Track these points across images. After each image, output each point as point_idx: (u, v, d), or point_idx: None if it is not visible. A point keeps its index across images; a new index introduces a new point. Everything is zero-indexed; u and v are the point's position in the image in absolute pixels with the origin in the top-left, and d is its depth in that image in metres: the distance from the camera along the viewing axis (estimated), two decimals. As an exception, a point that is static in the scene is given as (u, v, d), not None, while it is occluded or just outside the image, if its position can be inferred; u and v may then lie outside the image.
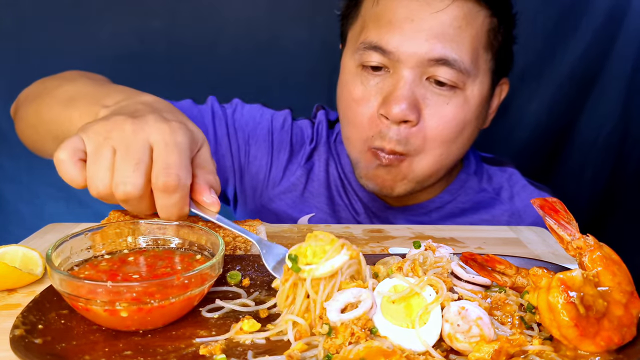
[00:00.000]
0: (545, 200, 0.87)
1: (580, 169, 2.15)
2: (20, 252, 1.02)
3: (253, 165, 1.65)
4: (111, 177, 0.92)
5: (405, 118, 1.31)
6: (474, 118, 1.40)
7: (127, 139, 0.93)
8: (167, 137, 0.93)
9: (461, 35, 1.31)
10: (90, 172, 0.93)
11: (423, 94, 1.33)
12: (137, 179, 0.91)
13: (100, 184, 0.92)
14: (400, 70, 1.33)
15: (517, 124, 2.19)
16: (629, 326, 0.77)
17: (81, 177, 0.93)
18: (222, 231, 1.09)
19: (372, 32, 1.35)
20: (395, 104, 1.30)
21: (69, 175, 0.93)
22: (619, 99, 2.06)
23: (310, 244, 0.82)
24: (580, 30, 2.05)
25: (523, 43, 2.10)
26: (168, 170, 0.91)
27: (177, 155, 0.93)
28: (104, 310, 0.77)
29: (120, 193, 0.91)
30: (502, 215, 1.58)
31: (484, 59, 1.37)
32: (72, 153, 0.93)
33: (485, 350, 0.73)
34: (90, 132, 0.96)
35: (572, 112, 2.13)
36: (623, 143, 2.08)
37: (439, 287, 0.80)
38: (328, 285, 0.80)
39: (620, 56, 2.03)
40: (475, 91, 1.37)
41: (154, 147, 0.93)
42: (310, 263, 0.81)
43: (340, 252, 0.81)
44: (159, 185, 0.91)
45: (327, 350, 0.74)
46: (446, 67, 1.31)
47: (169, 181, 0.91)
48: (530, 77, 2.14)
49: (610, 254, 0.81)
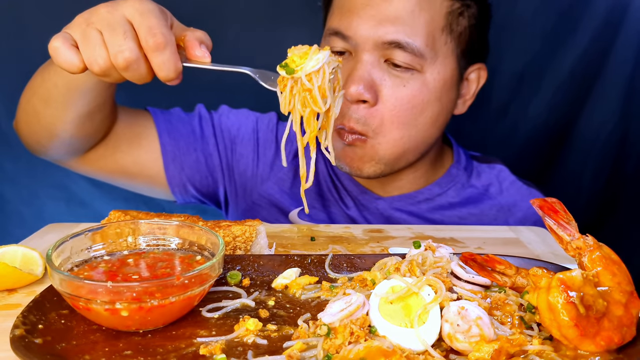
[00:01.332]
0: (545, 201, 0.87)
1: (580, 169, 2.15)
2: (21, 252, 1.02)
3: (240, 163, 1.69)
4: (107, 51, 1.01)
5: (361, 97, 1.36)
6: (435, 100, 1.42)
7: (106, 19, 1.02)
8: (139, 7, 1.02)
9: (415, 20, 1.36)
10: (87, 53, 1.02)
11: (381, 76, 1.38)
12: (130, 44, 1.00)
13: (100, 59, 1.01)
14: (359, 54, 1.38)
15: (517, 124, 2.19)
16: (629, 326, 0.77)
17: (78, 59, 1.02)
18: (222, 231, 1.09)
19: (336, 19, 1.42)
20: (352, 84, 1.35)
21: (67, 57, 1.02)
22: (619, 99, 2.05)
23: (294, 53, 1.01)
24: (579, 31, 2.05)
25: (523, 43, 2.11)
26: (153, 31, 1.00)
27: (155, 18, 1.02)
28: (105, 309, 0.77)
29: (121, 61, 1.00)
30: (490, 210, 1.60)
31: (442, 41, 1.40)
32: (63, 40, 1.03)
33: (485, 350, 0.73)
34: (71, 25, 1.06)
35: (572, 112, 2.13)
36: (623, 143, 2.07)
37: (438, 287, 0.81)
38: (318, 75, 0.98)
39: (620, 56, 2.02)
40: (435, 74, 1.40)
41: (131, 20, 1.02)
42: (299, 65, 0.99)
43: (321, 51, 0.99)
44: (150, 45, 1.00)
45: (326, 351, 0.75)
46: (400, 50, 1.35)
47: (157, 40, 1.00)
48: (530, 77, 2.13)
49: (609, 254, 0.81)
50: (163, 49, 1.00)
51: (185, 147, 1.61)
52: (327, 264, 1.02)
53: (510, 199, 1.61)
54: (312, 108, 1.00)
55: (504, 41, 2.10)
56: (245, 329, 0.81)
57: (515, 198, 1.61)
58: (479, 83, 1.55)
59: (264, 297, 0.92)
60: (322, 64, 0.98)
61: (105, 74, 1.03)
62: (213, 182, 1.69)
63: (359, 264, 1.03)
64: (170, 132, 1.59)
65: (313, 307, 0.90)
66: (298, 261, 1.02)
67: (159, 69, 1.02)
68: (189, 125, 1.65)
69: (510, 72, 2.14)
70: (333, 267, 1.02)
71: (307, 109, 1.00)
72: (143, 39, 1.00)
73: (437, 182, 1.61)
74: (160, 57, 1.01)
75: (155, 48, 1.00)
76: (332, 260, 1.03)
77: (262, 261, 1.01)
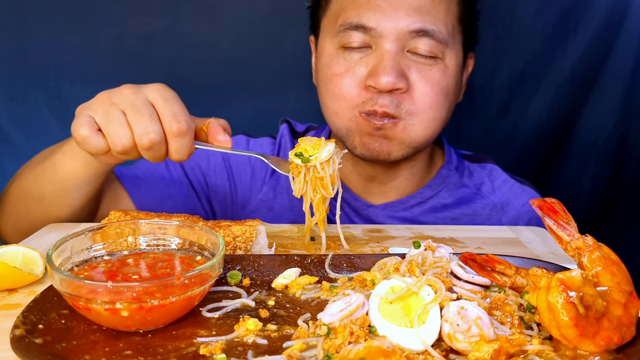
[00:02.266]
0: (544, 201, 0.87)
1: (580, 169, 2.15)
2: (21, 252, 1.02)
3: (218, 193, 1.67)
4: (131, 132, 1.06)
5: (395, 86, 1.36)
6: (454, 85, 1.46)
7: (130, 100, 1.07)
8: (162, 93, 1.09)
9: (436, 8, 1.39)
10: (111, 133, 1.06)
11: (407, 64, 1.39)
12: (156, 127, 1.06)
13: (124, 139, 1.06)
14: (382, 45, 1.38)
15: (518, 124, 2.19)
16: (628, 326, 0.77)
17: (105, 143, 1.07)
18: (222, 231, 1.09)
19: (352, 13, 1.40)
20: (383, 75, 1.34)
21: (96, 145, 1.07)
22: (619, 99, 2.06)
23: (305, 144, 1.12)
24: (580, 31, 2.05)
25: (524, 43, 2.11)
26: (177, 117, 1.07)
27: (178, 105, 1.09)
28: (105, 309, 0.77)
29: (146, 142, 1.06)
30: (483, 209, 1.60)
31: (457, 30, 1.45)
32: (90, 126, 1.07)
33: (485, 349, 0.74)
34: (93, 105, 1.10)
35: (572, 112, 2.13)
36: (623, 143, 2.07)
37: (438, 287, 0.81)
38: (329, 165, 1.11)
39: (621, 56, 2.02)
40: (452, 60, 1.44)
41: (155, 103, 1.08)
42: (311, 154, 1.11)
43: (328, 143, 1.12)
44: (173, 131, 1.07)
45: (326, 351, 0.75)
46: (426, 38, 1.37)
47: (181, 126, 1.07)
48: (531, 77, 2.14)
49: (609, 254, 0.81)
50: (184, 135, 1.08)
51: (159, 197, 1.58)
52: (327, 264, 1.02)
53: (502, 198, 1.61)
54: (322, 194, 1.13)
55: (504, 41, 2.11)
56: (245, 329, 0.81)
57: (508, 196, 1.61)
58: (468, 71, 1.58)
59: (264, 297, 0.92)
60: (332, 154, 1.11)
61: (125, 153, 1.08)
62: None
63: (359, 264, 1.03)
64: (140, 188, 1.56)
65: (313, 307, 0.90)
66: (298, 261, 1.03)
67: (176, 152, 1.10)
68: (157, 174, 1.62)
69: (511, 71, 2.14)
70: (333, 267, 1.02)
71: (317, 195, 1.13)
72: (167, 124, 1.07)
73: (429, 184, 1.60)
74: (181, 142, 1.08)
75: (178, 134, 1.07)
76: (332, 260, 1.03)
77: (262, 261, 1.01)
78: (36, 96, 2.12)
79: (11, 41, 2.08)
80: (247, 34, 2.15)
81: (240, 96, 2.19)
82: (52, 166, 1.29)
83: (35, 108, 2.12)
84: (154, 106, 1.08)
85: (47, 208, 1.33)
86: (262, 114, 2.11)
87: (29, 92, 2.12)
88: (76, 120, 1.09)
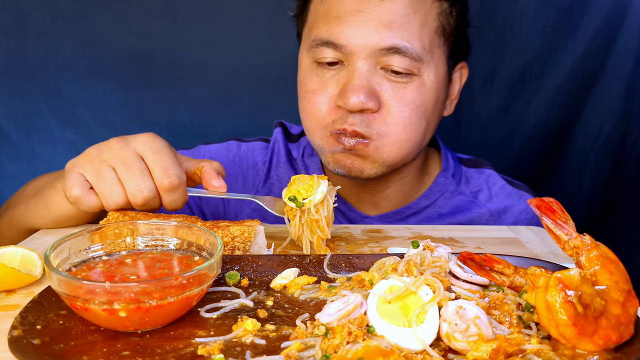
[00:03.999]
0: (542, 200, 0.87)
1: (580, 168, 2.15)
2: (19, 253, 1.02)
3: (209, 205, 1.65)
4: (123, 189, 1.08)
5: (364, 107, 1.31)
6: (434, 102, 1.40)
7: (118, 155, 1.08)
8: (151, 145, 1.10)
9: (410, 23, 1.31)
10: (104, 191, 1.08)
11: (379, 82, 1.33)
12: (148, 183, 1.08)
13: (118, 198, 1.08)
14: (354, 62, 1.33)
15: (517, 124, 2.19)
16: (626, 325, 0.77)
17: (98, 200, 1.10)
18: (221, 231, 1.09)
19: (323, 29, 1.36)
20: (352, 94, 1.30)
21: (89, 204, 1.09)
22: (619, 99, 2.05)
23: (298, 185, 1.12)
24: (580, 30, 2.04)
25: (524, 43, 2.11)
26: (168, 172, 1.08)
27: (168, 157, 1.10)
28: (103, 310, 0.77)
29: (140, 199, 1.08)
30: (480, 218, 1.56)
31: (436, 43, 1.37)
32: (82, 186, 1.09)
33: (484, 349, 0.73)
34: (82, 162, 1.10)
35: (572, 112, 2.13)
36: (623, 143, 2.07)
37: (436, 286, 0.81)
38: (323, 206, 1.12)
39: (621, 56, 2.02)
40: (431, 76, 1.36)
41: (144, 156, 1.09)
42: (305, 197, 1.11)
43: (321, 183, 1.12)
44: (165, 186, 1.09)
45: (324, 351, 0.75)
46: (398, 55, 1.31)
47: (172, 181, 1.09)
48: (530, 77, 2.13)
49: (607, 253, 0.81)
50: (176, 190, 1.10)
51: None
52: (325, 264, 1.02)
53: (500, 205, 1.58)
54: (319, 235, 1.14)
55: (504, 41, 2.11)
56: (243, 329, 0.81)
57: (505, 203, 1.58)
58: (461, 82, 1.53)
59: (262, 297, 0.92)
60: (326, 195, 1.12)
61: (120, 209, 1.10)
62: None
63: (357, 264, 1.03)
64: None
65: (312, 307, 0.90)
66: (297, 261, 1.02)
67: (169, 205, 1.12)
68: None
69: (511, 71, 2.14)
70: (332, 267, 1.02)
71: (315, 235, 1.14)
72: (158, 180, 1.09)
73: (425, 194, 1.58)
74: (173, 195, 1.11)
75: (169, 189, 1.09)
76: (330, 260, 1.03)
77: (261, 261, 1.01)
78: (36, 96, 2.12)
79: (11, 41, 2.08)
80: (247, 34, 2.15)
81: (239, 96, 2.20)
82: (44, 202, 1.28)
83: (35, 108, 2.13)
84: (144, 160, 1.09)
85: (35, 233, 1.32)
86: (261, 114, 2.12)
87: (29, 92, 2.12)
88: (67, 179, 1.10)
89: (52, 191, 1.27)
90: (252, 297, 0.92)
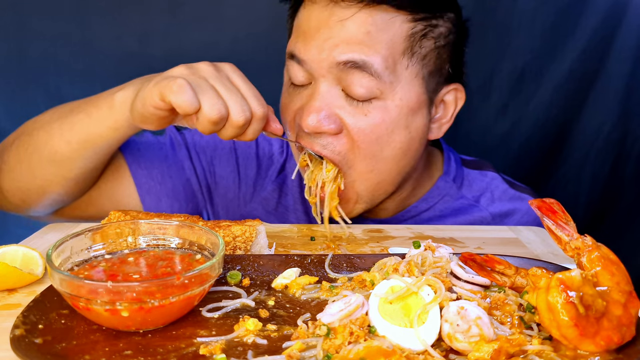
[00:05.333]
0: (543, 201, 0.87)
1: (579, 168, 2.15)
2: (21, 252, 1.02)
3: (220, 185, 1.62)
4: (226, 105, 1.09)
5: (320, 128, 1.28)
6: (401, 128, 1.32)
7: (216, 77, 1.11)
8: (240, 74, 1.15)
9: (372, 40, 1.27)
10: (208, 100, 1.07)
11: (340, 104, 1.29)
12: (247, 106, 1.11)
13: (223, 109, 1.08)
14: (317, 82, 1.30)
15: (517, 124, 2.19)
16: (628, 325, 0.78)
17: (197, 102, 1.07)
18: (222, 231, 1.09)
19: (292, 42, 1.35)
20: (309, 114, 1.28)
21: (190, 99, 1.06)
22: (618, 98, 2.06)
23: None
24: (579, 30, 2.05)
25: (523, 43, 2.11)
26: (261, 101, 1.13)
27: (255, 89, 1.14)
28: (105, 309, 0.77)
29: (242, 119, 1.10)
30: (480, 222, 1.53)
31: (403, 65, 1.30)
32: (186, 82, 1.07)
33: (485, 349, 0.74)
34: (178, 73, 1.12)
35: (572, 111, 2.13)
36: (622, 142, 2.07)
37: (437, 287, 0.81)
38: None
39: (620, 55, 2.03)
40: (397, 101, 1.30)
41: (237, 84, 1.13)
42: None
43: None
44: (259, 114, 1.12)
45: (326, 351, 0.75)
46: (358, 71, 1.26)
47: (265, 111, 1.13)
48: (530, 77, 2.14)
49: (608, 254, 0.81)
50: (263, 119, 1.14)
51: (159, 176, 1.53)
52: (327, 264, 1.02)
53: (503, 208, 1.55)
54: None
55: (503, 40, 2.11)
56: (245, 329, 0.81)
57: (507, 208, 1.55)
58: (456, 105, 1.45)
59: (263, 297, 0.92)
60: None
61: (217, 123, 1.09)
62: (194, 207, 1.61)
63: (359, 264, 1.03)
64: (140, 163, 1.51)
65: (313, 307, 0.90)
66: (298, 261, 1.03)
67: (253, 133, 1.15)
68: (160, 152, 1.56)
69: (510, 71, 2.14)
70: (333, 267, 1.02)
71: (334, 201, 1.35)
72: (255, 106, 1.12)
73: (424, 197, 1.54)
74: (260, 124, 1.14)
75: (261, 117, 1.13)
76: (332, 260, 1.03)
77: (262, 261, 1.01)
78: (36, 96, 2.12)
79: (11, 41, 2.08)
80: (247, 34, 2.15)
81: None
82: (71, 128, 1.27)
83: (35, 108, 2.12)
84: (236, 87, 1.12)
85: (56, 168, 1.31)
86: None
87: (29, 92, 2.12)
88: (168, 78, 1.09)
89: (82, 115, 1.26)
90: (254, 296, 0.92)
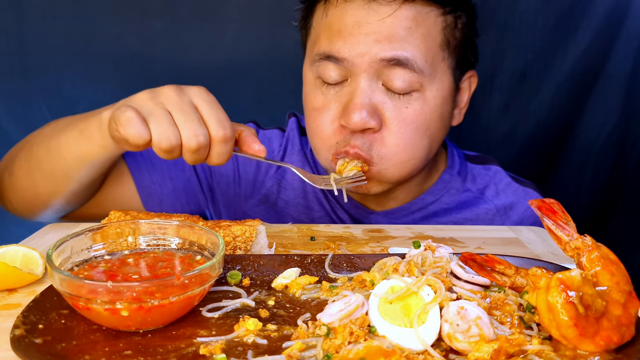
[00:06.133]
0: (543, 201, 0.87)
1: (580, 168, 2.15)
2: (21, 252, 1.02)
3: (221, 183, 1.64)
4: (179, 132, 1.07)
5: (366, 126, 1.30)
6: (437, 118, 1.38)
7: (176, 102, 1.08)
8: (205, 97, 1.11)
9: (412, 36, 1.29)
10: (159, 129, 1.06)
11: (382, 99, 1.31)
12: (205, 131, 1.08)
13: (173, 138, 1.06)
14: (356, 79, 1.31)
15: (518, 124, 2.18)
16: (627, 325, 0.78)
17: (148, 134, 1.06)
18: (222, 231, 1.10)
19: (324, 43, 1.35)
20: (353, 113, 1.29)
21: (139, 130, 1.05)
22: (620, 99, 2.05)
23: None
24: (580, 30, 2.05)
25: (524, 43, 2.11)
26: (223, 124, 1.09)
27: (222, 111, 1.11)
28: (105, 309, 0.77)
29: (194, 144, 1.07)
30: (486, 214, 1.56)
31: (440, 57, 1.35)
32: (136, 113, 1.06)
33: (485, 349, 0.74)
34: (136, 100, 1.10)
35: (573, 111, 2.13)
36: (623, 142, 2.07)
37: (437, 287, 0.81)
38: None
39: (621, 56, 2.02)
40: (434, 91, 1.34)
41: (199, 107, 1.10)
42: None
43: None
44: (219, 137, 1.09)
45: (326, 351, 0.75)
46: (400, 67, 1.29)
47: (226, 133, 1.09)
48: (531, 77, 2.13)
49: (607, 254, 0.81)
50: (228, 142, 1.10)
51: (160, 179, 1.55)
52: (327, 264, 1.02)
53: (506, 201, 1.58)
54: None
55: (504, 41, 2.11)
56: (245, 329, 0.81)
57: (511, 200, 1.58)
58: (470, 90, 1.52)
59: (264, 297, 0.92)
60: None
61: (169, 151, 1.08)
62: (196, 206, 1.63)
63: (359, 264, 1.03)
64: (141, 167, 1.53)
65: (313, 307, 0.90)
66: (298, 261, 1.03)
67: (217, 157, 1.11)
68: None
69: (511, 71, 2.14)
70: (333, 267, 1.02)
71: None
72: (214, 130, 1.09)
73: (430, 190, 1.57)
74: (224, 148, 1.10)
75: (223, 140, 1.09)
76: (332, 260, 1.03)
77: (262, 261, 1.01)
78: (36, 96, 2.12)
79: (11, 41, 2.08)
80: (247, 34, 2.15)
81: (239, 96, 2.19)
82: (66, 144, 1.28)
83: (35, 108, 2.13)
84: (199, 110, 1.10)
85: (55, 182, 1.33)
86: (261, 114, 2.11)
87: (29, 92, 2.12)
88: (119, 112, 1.07)
89: (75, 132, 1.26)
90: (254, 296, 0.92)
